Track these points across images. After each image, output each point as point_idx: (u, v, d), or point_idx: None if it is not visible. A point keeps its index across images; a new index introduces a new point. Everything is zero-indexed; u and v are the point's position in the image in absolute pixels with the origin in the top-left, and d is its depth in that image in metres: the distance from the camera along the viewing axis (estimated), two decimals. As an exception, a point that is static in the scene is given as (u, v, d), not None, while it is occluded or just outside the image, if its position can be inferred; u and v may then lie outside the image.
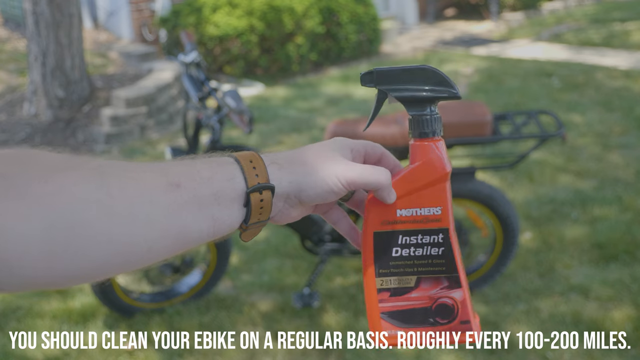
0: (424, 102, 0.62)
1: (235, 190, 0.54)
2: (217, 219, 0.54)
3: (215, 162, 0.56)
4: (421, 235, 0.63)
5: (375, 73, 0.62)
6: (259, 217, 0.56)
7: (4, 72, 6.53)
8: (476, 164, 3.65)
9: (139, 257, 0.50)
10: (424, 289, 0.63)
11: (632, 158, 4.31)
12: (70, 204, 0.46)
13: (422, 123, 0.62)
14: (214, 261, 2.75)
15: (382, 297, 0.63)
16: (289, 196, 0.58)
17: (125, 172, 0.50)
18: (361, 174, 0.59)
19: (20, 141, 5.20)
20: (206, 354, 2.52)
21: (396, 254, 0.63)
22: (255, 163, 0.56)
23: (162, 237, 0.51)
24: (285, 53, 7.16)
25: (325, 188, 0.57)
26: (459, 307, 0.63)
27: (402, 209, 0.62)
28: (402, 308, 0.63)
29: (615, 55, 7.44)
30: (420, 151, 0.62)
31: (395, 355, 2.47)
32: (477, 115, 2.53)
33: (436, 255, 0.63)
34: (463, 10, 11.00)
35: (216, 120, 2.60)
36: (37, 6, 5.27)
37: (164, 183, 0.51)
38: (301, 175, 0.57)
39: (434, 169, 0.62)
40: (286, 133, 5.31)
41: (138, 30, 7.83)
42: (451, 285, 0.63)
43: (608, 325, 2.53)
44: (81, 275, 0.48)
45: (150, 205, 0.50)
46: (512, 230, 2.66)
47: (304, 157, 0.59)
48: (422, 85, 0.61)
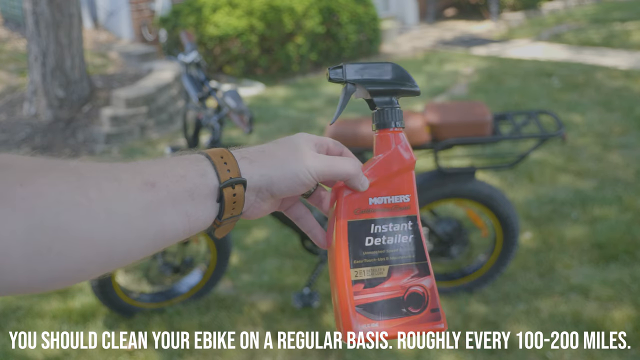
0: (387, 95, 0.65)
1: (208, 186, 0.55)
2: (192, 216, 0.54)
3: (187, 159, 0.57)
4: (392, 223, 0.64)
5: (344, 67, 0.65)
6: (232, 212, 0.57)
7: (4, 72, 6.53)
8: (476, 164, 3.65)
9: (118, 257, 0.51)
10: (395, 279, 0.64)
11: (632, 158, 4.31)
12: (49, 207, 0.46)
13: (387, 114, 0.65)
14: (214, 261, 2.75)
15: (357, 289, 0.63)
16: (261, 189, 0.59)
17: (102, 173, 0.51)
18: (330, 164, 0.60)
19: (20, 141, 5.20)
20: (206, 354, 2.52)
21: (369, 244, 0.64)
22: (226, 158, 0.57)
23: (140, 237, 0.51)
24: (285, 53, 7.16)
25: (296, 180, 0.59)
26: (429, 294, 0.64)
27: (373, 197, 0.64)
28: (376, 299, 0.63)
29: (615, 55, 7.44)
30: (385, 141, 0.64)
31: (395, 355, 2.47)
32: (477, 115, 2.53)
33: (406, 243, 0.64)
34: (463, 10, 11.01)
35: (216, 120, 2.60)
36: (37, 6, 5.27)
37: (139, 183, 0.52)
38: (272, 168, 0.58)
39: (402, 158, 0.64)
40: (286, 133, 5.31)
41: (138, 30, 7.83)
42: (420, 273, 0.64)
43: (608, 325, 2.53)
44: (62, 277, 0.48)
45: (128, 206, 0.50)
46: (512, 230, 2.66)
47: (274, 150, 0.60)
48: (387, 79, 0.65)
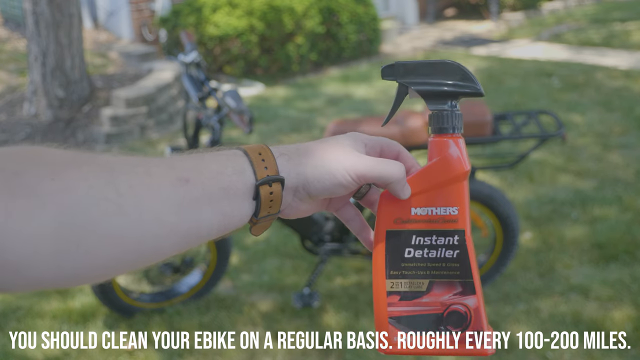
0: (445, 97, 0.60)
1: (244, 183, 0.53)
2: (227, 214, 0.53)
3: (223, 155, 0.55)
4: (436, 236, 0.60)
5: (396, 66, 0.60)
6: (269, 210, 0.55)
7: (4, 72, 6.53)
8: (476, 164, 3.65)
9: (148, 254, 0.50)
10: (436, 294, 0.59)
11: (632, 158, 4.31)
12: (79, 202, 0.45)
13: (442, 118, 0.59)
14: (214, 261, 2.75)
15: (392, 300, 0.60)
16: (298, 189, 0.56)
17: (134, 168, 0.50)
18: (371, 166, 0.56)
19: (20, 141, 5.19)
20: (206, 354, 2.52)
21: (408, 255, 0.60)
22: (264, 155, 0.55)
23: (172, 234, 0.50)
24: (285, 53, 7.16)
25: (333, 181, 0.55)
26: (472, 315, 0.59)
27: (417, 207, 0.59)
28: (412, 313, 0.59)
29: (615, 55, 7.44)
30: (438, 147, 0.59)
31: (396, 355, 2.47)
32: (477, 115, 2.53)
33: (451, 258, 0.60)
34: (463, 10, 11.00)
35: (216, 120, 2.60)
36: (37, 6, 5.27)
37: (172, 178, 0.50)
38: (309, 167, 0.55)
39: (452, 167, 0.59)
40: (286, 133, 5.31)
41: (138, 30, 7.83)
42: (465, 291, 0.59)
43: (608, 325, 2.53)
44: (89, 274, 0.47)
45: (160, 202, 0.49)
46: (512, 230, 2.66)
47: (313, 149, 0.57)
48: (444, 80, 0.59)
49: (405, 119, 2.56)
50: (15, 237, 0.43)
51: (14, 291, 0.46)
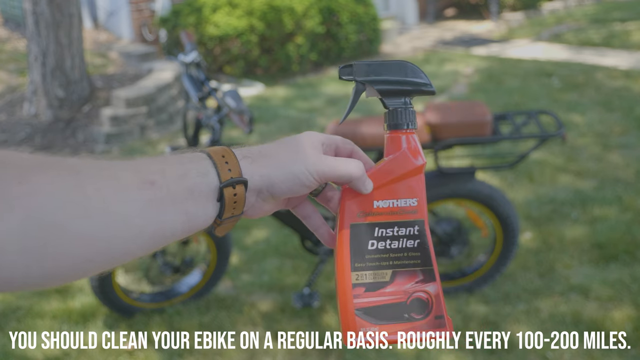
0: (400, 95, 0.63)
1: (208, 185, 0.55)
2: (191, 215, 0.54)
3: (187, 158, 0.56)
4: (397, 227, 0.62)
5: (355, 66, 0.63)
6: (233, 212, 0.57)
7: (4, 72, 6.53)
8: (476, 164, 3.65)
9: (116, 255, 0.50)
10: (399, 283, 0.62)
11: (632, 158, 4.31)
12: (47, 204, 0.46)
13: (398, 115, 0.63)
14: (214, 261, 2.75)
15: (357, 292, 0.62)
16: (261, 190, 0.58)
17: (100, 171, 0.50)
18: (332, 166, 0.59)
19: (20, 141, 5.20)
20: (206, 354, 2.52)
21: (372, 247, 0.62)
22: (228, 158, 0.56)
23: (138, 236, 0.51)
24: (285, 53, 7.16)
25: (296, 181, 0.57)
26: (433, 301, 0.62)
27: (378, 200, 0.62)
28: (377, 304, 0.62)
29: (615, 55, 7.44)
30: (395, 142, 0.63)
31: (396, 355, 2.47)
32: (477, 115, 2.53)
33: (412, 247, 0.62)
34: (463, 10, 11.00)
35: (216, 120, 2.60)
36: (37, 6, 5.27)
37: (138, 181, 0.51)
38: (272, 168, 0.57)
39: (410, 160, 0.62)
40: (286, 133, 5.31)
41: (138, 30, 7.83)
42: (426, 278, 0.62)
43: (608, 325, 2.53)
44: (58, 275, 0.48)
45: (126, 204, 0.50)
46: (512, 230, 2.66)
47: (276, 150, 0.59)
48: (400, 78, 0.63)
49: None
50: None
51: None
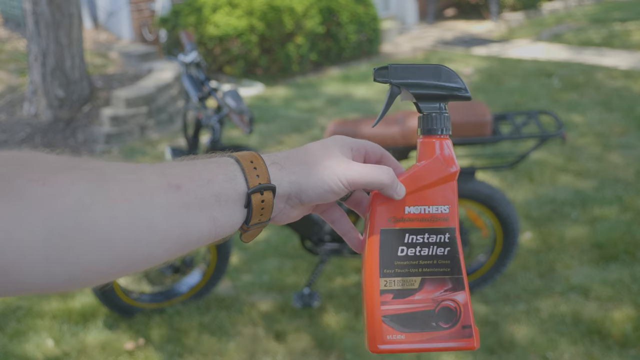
0: (435, 100, 0.62)
1: (236, 191, 0.54)
2: (218, 221, 0.53)
3: (215, 162, 0.55)
4: (428, 234, 0.61)
5: (390, 68, 0.62)
6: (260, 218, 0.56)
7: (4, 72, 6.53)
8: (476, 164, 3.65)
9: (140, 260, 0.50)
10: (427, 291, 0.61)
11: (632, 158, 4.31)
12: (71, 207, 0.45)
13: (432, 120, 0.62)
14: (214, 261, 2.75)
15: (385, 299, 0.61)
16: (290, 196, 0.57)
17: (125, 174, 0.50)
18: (362, 173, 0.58)
19: (20, 141, 5.19)
20: (206, 354, 2.52)
21: (401, 254, 0.61)
22: (256, 163, 0.55)
23: (163, 241, 0.50)
24: (285, 53, 7.16)
25: (326, 188, 0.57)
26: (461, 310, 0.61)
27: (410, 206, 0.61)
28: (405, 311, 0.61)
29: (615, 55, 7.44)
30: (429, 148, 0.62)
31: (396, 354, 2.47)
32: (477, 115, 2.53)
33: (442, 255, 0.62)
34: (463, 10, 11.00)
35: (216, 120, 2.60)
36: (37, 6, 5.27)
37: (164, 184, 0.50)
38: (302, 175, 0.56)
39: (443, 167, 0.61)
40: (286, 133, 5.31)
41: (138, 30, 7.83)
42: (455, 287, 0.62)
43: (608, 325, 2.53)
44: (80, 280, 0.47)
45: (151, 208, 0.49)
46: (512, 230, 2.66)
47: (305, 156, 0.58)
48: (435, 82, 0.61)
49: (405, 119, 2.56)
50: (5, 240, 0.43)
51: (5, 295, 0.46)
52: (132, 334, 2.64)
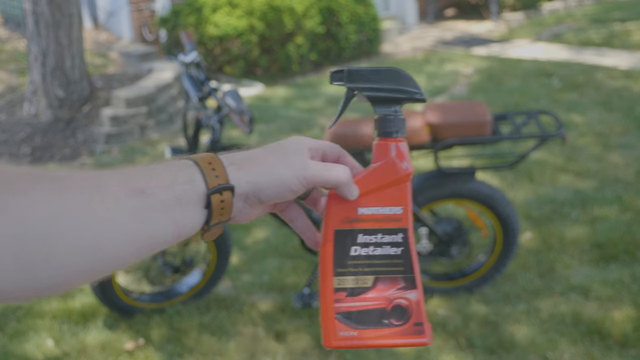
0: (390, 103, 0.63)
1: (196, 192, 0.55)
2: (180, 222, 0.54)
3: (175, 165, 0.56)
4: (381, 234, 0.63)
5: (346, 72, 0.63)
6: (220, 218, 0.57)
7: (4, 72, 6.53)
8: (476, 164, 3.65)
9: (108, 263, 0.51)
10: (380, 289, 0.63)
11: (632, 158, 4.31)
12: (39, 216, 0.46)
13: (387, 123, 0.63)
14: (214, 261, 2.75)
15: (339, 297, 0.63)
16: (248, 196, 0.58)
17: (89, 181, 0.51)
18: (319, 171, 0.59)
19: (20, 141, 5.20)
20: (206, 354, 2.52)
21: (355, 253, 0.62)
22: (215, 164, 0.56)
23: (129, 244, 0.51)
24: (285, 53, 7.16)
25: (283, 187, 0.58)
26: (413, 308, 0.63)
27: (363, 207, 0.62)
28: (358, 308, 0.62)
29: (615, 55, 7.44)
30: (383, 150, 0.63)
31: (395, 355, 2.47)
32: (477, 115, 2.53)
33: (395, 255, 0.63)
34: (463, 10, 11.00)
35: (216, 120, 2.60)
36: (37, 6, 5.27)
37: (127, 190, 0.52)
38: (260, 174, 0.58)
39: (396, 169, 0.62)
40: (286, 133, 5.31)
41: (138, 30, 7.83)
42: (407, 285, 0.63)
43: (608, 325, 2.53)
44: (49, 286, 0.48)
45: (117, 213, 0.50)
46: (512, 230, 2.66)
47: (262, 156, 0.59)
48: (390, 86, 0.62)
49: (405, 119, 2.55)
50: None
51: None
52: (132, 334, 2.64)
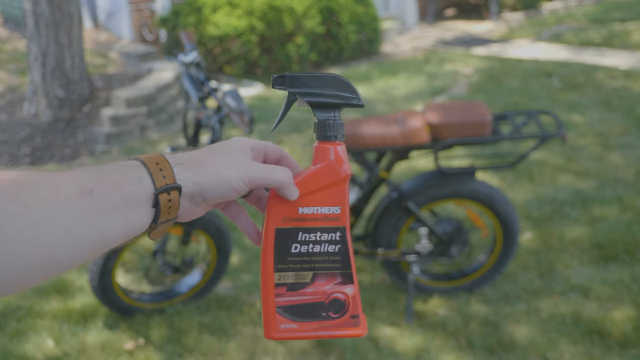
0: (329, 108, 0.66)
1: (144, 192, 0.57)
2: (129, 221, 0.56)
3: (123, 166, 0.58)
4: (320, 232, 0.66)
5: (287, 77, 0.66)
6: (168, 216, 0.59)
7: (4, 72, 6.53)
8: (476, 164, 3.65)
9: (60, 264, 0.52)
10: (319, 284, 0.66)
11: (632, 158, 4.31)
12: None
13: (327, 127, 0.66)
14: (214, 261, 2.75)
15: (279, 291, 0.66)
16: (194, 195, 0.60)
17: (41, 182, 0.52)
18: (262, 172, 0.62)
19: (20, 141, 5.20)
20: (206, 354, 2.52)
21: (295, 250, 0.66)
22: (162, 165, 0.58)
23: (80, 244, 0.52)
24: (285, 53, 7.16)
25: (228, 187, 0.60)
26: (350, 302, 0.66)
27: (304, 207, 0.65)
28: (298, 302, 0.66)
29: (615, 55, 7.44)
30: (323, 153, 0.66)
31: (395, 355, 2.47)
32: (477, 115, 2.53)
33: (333, 252, 0.66)
34: (463, 10, 11.00)
35: (216, 120, 2.60)
36: (37, 6, 5.27)
37: (78, 190, 0.53)
38: (205, 174, 0.60)
39: (335, 171, 0.65)
40: (286, 133, 5.31)
41: (138, 30, 7.83)
42: (344, 281, 0.66)
43: (608, 325, 2.53)
44: (4, 284, 0.49)
45: (67, 213, 0.51)
46: (512, 230, 2.66)
47: (208, 157, 0.61)
48: (330, 92, 0.65)
49: (405, 119, 2.55)
50: None
51: None
52: (132, 334, 2.64)
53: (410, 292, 2.69)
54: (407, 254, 2.71)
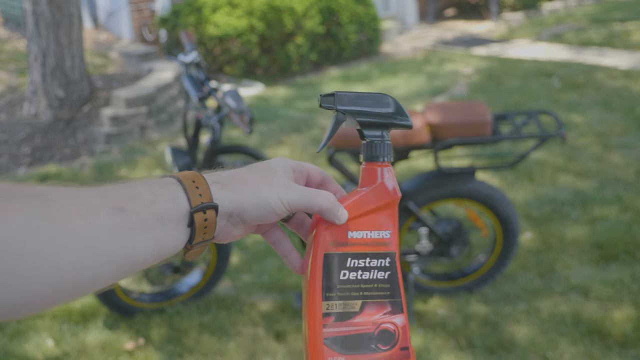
0: (378, 128, 0.64)
1: (179, 210, 0.54)
2: (162, 241, 0.53)
3: (157, 183, 0.55)
4: (369, 258, 0.63)
5: (336, 95, 0.63)
6: (204, 237, 0.56)
7: (4, 72, 6.53)
8: (476, 164, 3.65)
9: (85, 284, 0.49)
10: (368, 314, 0.63)
11: (632, 158, 4.31)
12: (15, 233, 0.45)
13: (375, 147, 0.63)
14: (214, 261, 2.75)
15: (327, 321, 0.62)
16: (232, 215, 0.57)
17: (69, 198, 0.50)
18: (302, 196, 0.59)
19: (20, 141, 5.20)
20: (206, 354, 2.52)
21: (344, 277, 0.62)
22: (198, 183, 0.55)
23: (108, 263, 0.50)
24: (285, 53, 7.16)
25: (267, 208, 0.57)
26: (400, 332, 0.63)
27: (353, 231, 0.63)
28: (346, 333, 0.62)
29: (615, 55, 7.44)
30: (372, 174, 0.63)
31: None
32: (477, 115, 2.53)
33: (382, 279, 0.63)
34: (463, 10, 11.00)
35: (216, 120, 2.60)
36: (37, 6, 5.27)
37: (107, 207, 0.50)
38: (244, 194, 0.57)
39: (386, 194, 0.63)
40: (286, 133, 5.31)
41: (138, 30, 7.83)
42: (394, 310, 0.63)
43: (608, 325, 2.53)
44: (25, 305, 0.47)
45: (95, 231, 0.49)
46: (512, 230, 2.66)
47: (247, 176, 0.59)
48: (380, 111, 0.63)
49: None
50: None
51: None
52: (132, 334, 2.64)
53: (410, 292, 2.69)
54: (407, 254, 2.71)
